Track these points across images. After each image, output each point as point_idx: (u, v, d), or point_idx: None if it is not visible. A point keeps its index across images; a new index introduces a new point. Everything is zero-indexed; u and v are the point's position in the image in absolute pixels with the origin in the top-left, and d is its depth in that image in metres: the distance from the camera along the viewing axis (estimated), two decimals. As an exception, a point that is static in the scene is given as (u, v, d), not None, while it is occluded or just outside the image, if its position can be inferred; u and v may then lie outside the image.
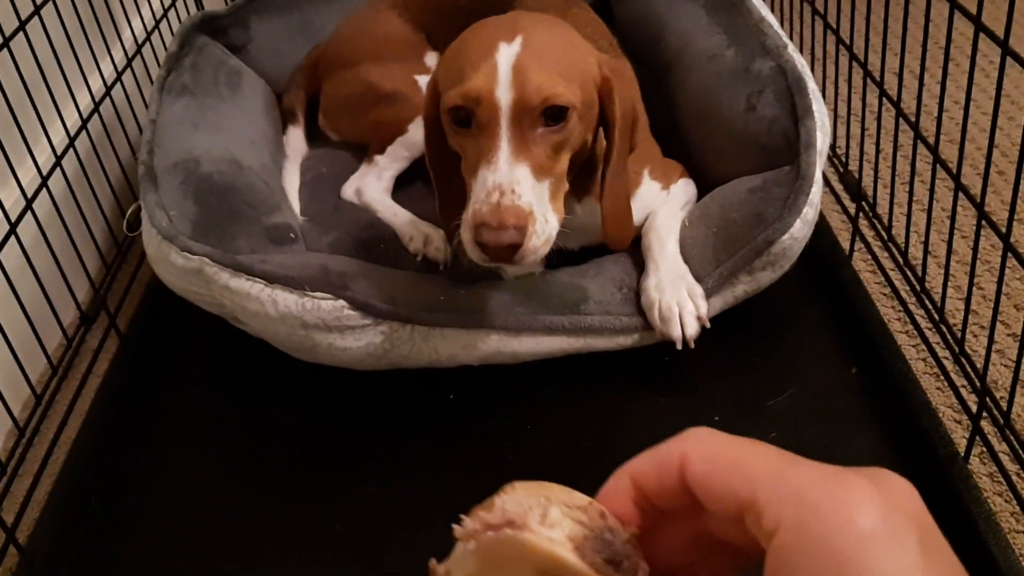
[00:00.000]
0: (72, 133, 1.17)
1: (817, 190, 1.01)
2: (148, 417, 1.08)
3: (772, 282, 1.03)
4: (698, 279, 1.01)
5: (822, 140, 1.04)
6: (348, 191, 1.26)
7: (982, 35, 0.85)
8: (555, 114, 0.84)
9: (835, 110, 1.30)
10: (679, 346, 0.98)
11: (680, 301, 0.98)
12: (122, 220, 1.28)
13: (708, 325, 0.99)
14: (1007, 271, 0.88)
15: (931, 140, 0.99)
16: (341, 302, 0.95)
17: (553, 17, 0.95)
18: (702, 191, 1.13)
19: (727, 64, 1.17)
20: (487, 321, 0.99)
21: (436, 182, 0.99)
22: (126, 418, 1.08)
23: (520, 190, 0.82)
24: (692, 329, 0.98)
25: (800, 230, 0.99)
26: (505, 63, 0.82)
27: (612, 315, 1.01)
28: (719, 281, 1.01)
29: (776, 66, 1.12)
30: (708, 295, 1.00)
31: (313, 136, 1.39)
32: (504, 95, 0.82)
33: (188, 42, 1.32)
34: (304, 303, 0.95)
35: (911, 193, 1.07)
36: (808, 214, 0.99)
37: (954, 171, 0.94)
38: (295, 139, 1.35)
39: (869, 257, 1.18)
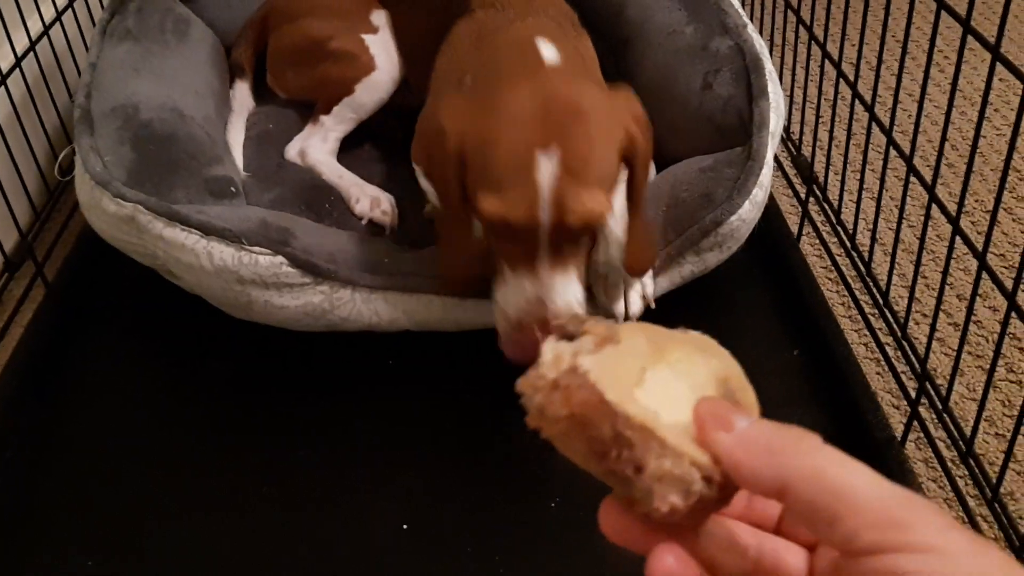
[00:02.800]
0: (5, 72, 1.12)
1: (768, 172, 1.00)
2: (71, 372, 1.04)
3: (720, 263, 1.02)
4: None
5: (775, 121, 1.04)
6: (291, 152, 1.22)
7: (943, 20, 0.85)
8: (592, 227, 0.83)
9: (791, 94, 1.29)
10: (620, 322, 0.96)
11: (626, 278, 0.97)
12: (55, 166, 1.23)
13: (653, 305, 0.98)
14: (951, 262, 0.88)
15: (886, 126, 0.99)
16: (280, 258, 0.92)
17: (580, 81, 0.88)
18: (656, 168, 1.12)
19: (686, 40, 1.16)
20: (432, 286, 0.96)
21: (444, 235, 0.93)
22: (48, 372, 1.03)
23: (556, 297, 0.81)
24: (636, 307, 0.97)
25: (749, 212, 0.98)
26: (546, 183, 0.78)
27: None
28: (666, 261, 0.99)
29: (735, 45, 1.11)
30: (655, 274, 0.99)
31: (262, 93, 1.35)
32: (545, 217, 0.79)
33: (133, -14, 1.27)
34: (241, 257, 0.91)
35: (862, 178, 1.08)
36: (758, 196, 0.99)
37: (906, 155, 0.94)
38: (242, 93, 1.31)
39: (817, 241, 1.19)
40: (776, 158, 1.32)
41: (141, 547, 0.86)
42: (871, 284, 1.07)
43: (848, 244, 1.12)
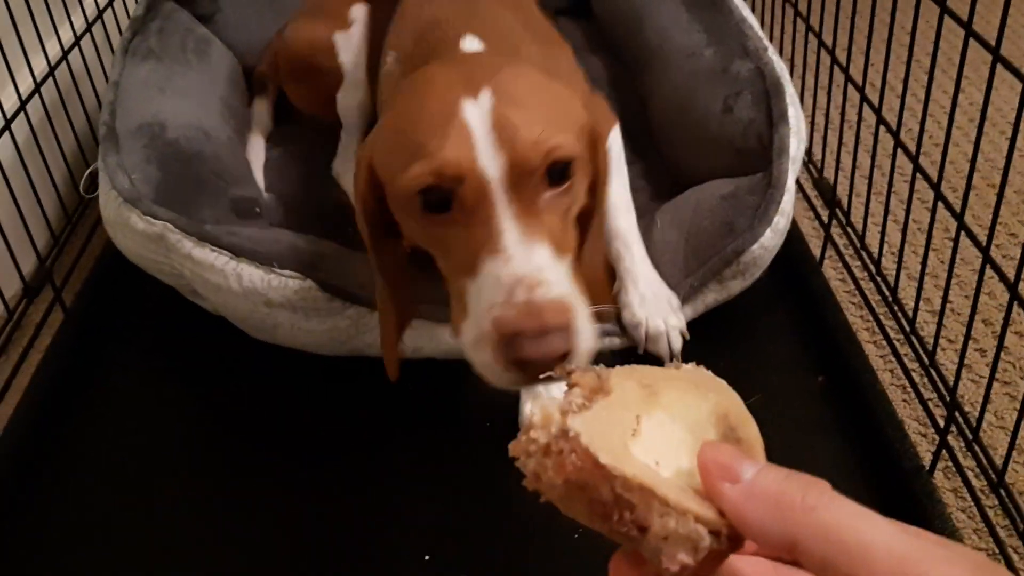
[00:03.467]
0: (25, 97, 1.11)
1: (789, 198, 1.00)
2: (90, 396, 1.03)
3: (743, 290, 1.02)
4: (670, 288, 0.99)
5: (796, 146, 1.04)
6: (334, 169, 1.21)
7: (971, 43, 0.84)
8: (560, 171, 0.66)
9: (812, 115, 1.29)
10: (667, 363, 0.95)
11: (666, 319, 0.96)
12: (74, 189, 1.22)
13: (688, 337, 0.98)
14: (981, 288, 0.87)
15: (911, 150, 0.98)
16: (310, 282, 0.91)
17: (508, 57, 0.78)
18: (674, 187, 1.12)
19: (705, 63, 1.16)
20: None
21: (385, 288, 0.80)
22: (67, 396, 1.02)
23: (549, 277, 0.62)
24: (677, 344, 0.96)
25: (771, 239, 0.98)
26: (479, 121, 0.64)
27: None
28: (689, 292, 0.99)
29: (755, 68, 1.11)
30: (681, 303, 0.99)
31: (286, 111, 1.34)
32: (491, 162, 0.63)
33: (154, 7, 1.27)
34: (271, 280, 0.91)
35: (887, 202, 1.07)
36: (779, 223, 0.99)
37: (933, 181, 0.94)
38: (261, 111, 1.30)
39: (840, 265, 1.18)
40: (798, 181, 1.32)
41: (160, 570, 0.85)
42: (897, 310, 1.06)
43: (873, 269, 1.12)
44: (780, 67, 1.11)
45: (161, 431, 0.99)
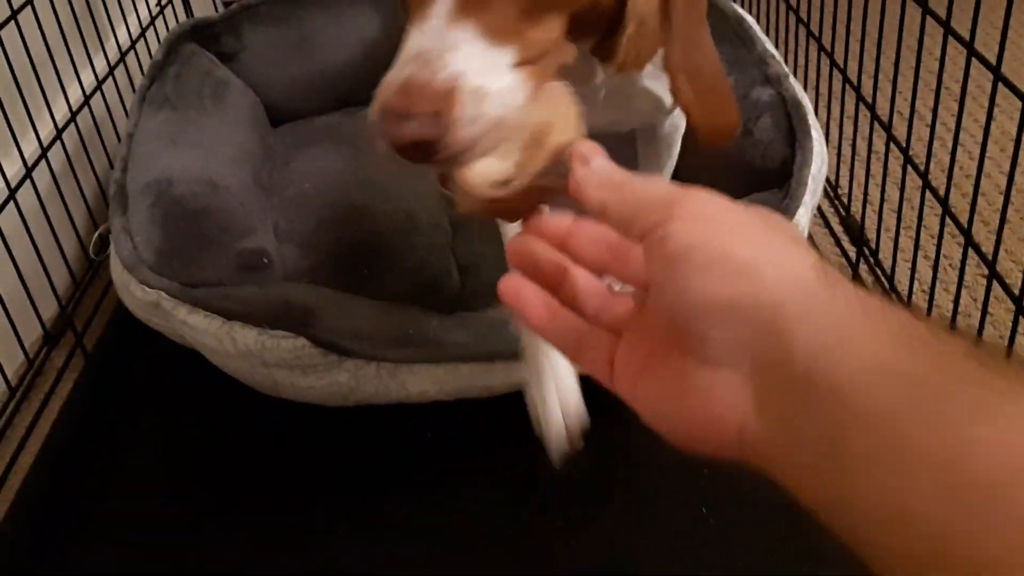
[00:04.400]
0: (46, 144, 1.13)
1: (804, 212, 0.98)
2: (110, 442, 1.04)
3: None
4: None
5: (817, 165, 1.02)
6: None
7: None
8: None
9: (839, 150, 1.25)
10: None
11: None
12: (94, 235, 1.24)
13: None
14: (1016, 334, 0.83)
15: (939, 187, 0.94)
16: (302, 340, 0.91)
17: None
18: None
19: (727, 91, 1.14)
20: (457, 353, 0.94)
21: None
22: (87, 442, 1.04)
23: (450, 58, 0.53)
24: None
25: None
26: None
27: None
28: None
29: (776, 94, 1.10)
30: None
31: (309, 142, 1.34)
32: None
33: (175, 50, 1.28)
34: (264, 341, 0.90)
35: (916, 243, 1.02)
36: None
37: (963, 227, 0.89)
38: None
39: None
40: (824, 215, 1.27)
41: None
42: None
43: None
44: (801, 93, 1.10)
45: (179, 474, 1.00)
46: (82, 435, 1.04)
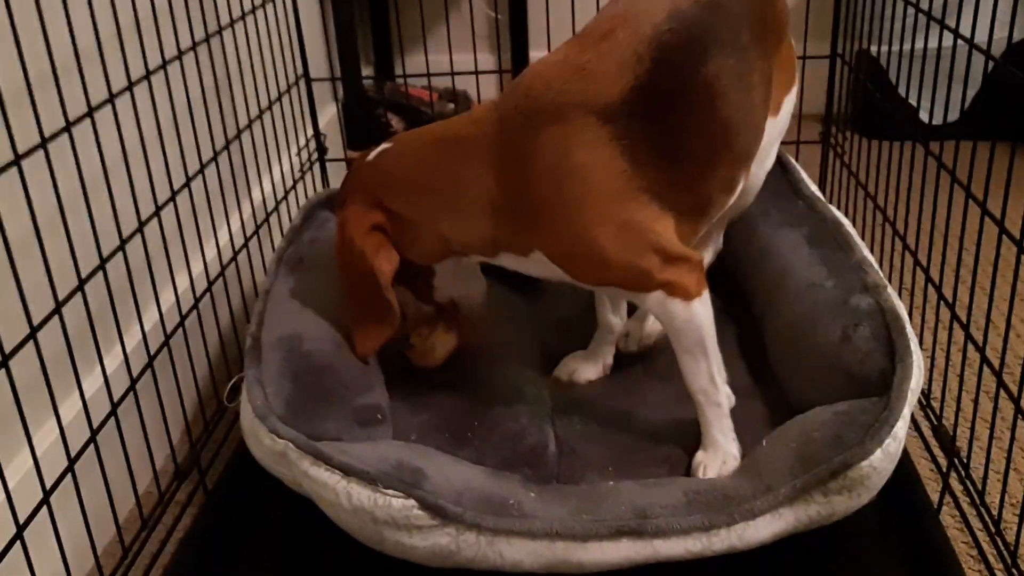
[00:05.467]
0: (197, 296, 1.27)
1: (903, 425, 1.00)
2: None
3: (847, 513, 1.01)
4: (772, 487, 0.99)
5: (916, 379, 1.04)
6: None
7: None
8: None
9: (932, 359, 1.29)
10: None
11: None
12: (216, 380, 1.35)
13: None
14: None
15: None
16: (412, 501, 0.97)
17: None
18: (784, 416, 1.13)
19: (826, 294, 1.20)
20: (553, 528, 0.99)
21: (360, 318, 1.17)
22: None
23: None
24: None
25: (881, 461, 0.98)
26: None
27: (678, 516, 0.99)
28: (793, 492, 0.99)
29: (874, 303, 1.14)
30: (780, 504, 0.99)
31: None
32: None
33: (310, 216, 1.42)
34: (376, 499, 0.97)
35: (1008, 461, 1.04)
36: (891, 446, 0.98)
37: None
38: None
39: (958, 514, 1.14)
40: (915, 421, 1.30)
41: None
42: (1016, 574, 1.02)
43: (992, 527, 1.08)
44: (899, 305, 1.14)
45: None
46: (198, 571, 1.11)
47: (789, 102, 1.23)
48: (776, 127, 1.21)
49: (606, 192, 1.00)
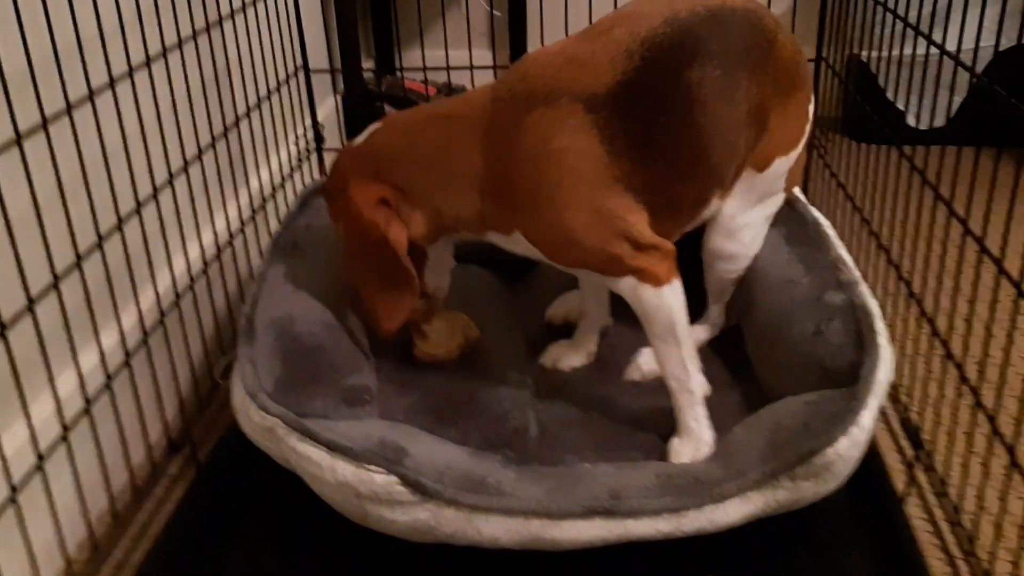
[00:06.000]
0: (192, 275, 1.31)
1: (868, 415, 1.03)
2: (210, 552, 1.14)
3: (814, 499, 1.04)
4: (743, 472, 1.03)
5: (883, 372, 1.08)
6: None
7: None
8: None
9: (902, 352, 1.32)
10: None
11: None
12: (211, 358, 1.38)
13: None
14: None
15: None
16: (393, 477, 1.01)
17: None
18: (759, 407, 1.16)
19: (802, 290, 1.24)
20: (529, 507, 1.02)
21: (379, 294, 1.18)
22: (190, 550, 1.13)
23: None
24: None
25: (847, 449, 1.01)
26: None
27: (650, 498, 1.02)
28: (762, 477, 1.03)
29: (847, 299, 1.18)
30: (748, 488, 1.02)
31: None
32: None
33: (306, 203, 1.45)
34: (360, 474, 1.01)
35: (970, 451, 1.07)
36: (856, 435, 1.01)
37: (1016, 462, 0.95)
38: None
39: (923, 504, 1.18)
40: (884, 413, 1.34)
41: None
42: (974, 563, 1.05)
43: (953, 519, 1.11)
44: (871, 300, 1.17)
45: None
46: (187, 542, 1.14)
47: (781, 163, 1.24)
48: (758, 184, 1.23)
49: (583, 177, 1.05)
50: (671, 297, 1.10)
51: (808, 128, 1.26)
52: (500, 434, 1.21)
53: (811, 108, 1.26)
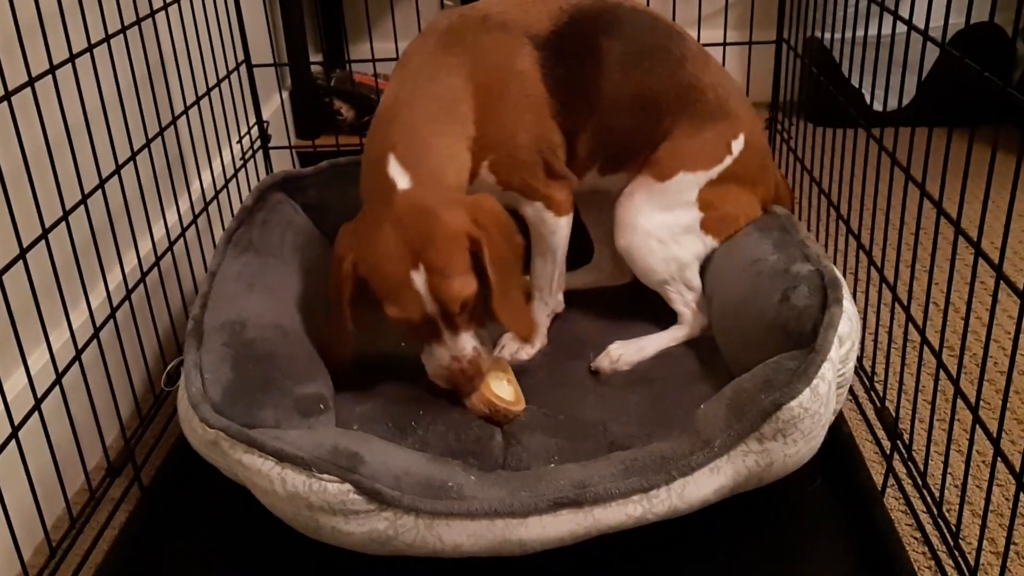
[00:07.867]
0: (129, 287, 1.23)
1: (830, 367, 1.02)
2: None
3: (785, 464, 1.01)
4: (709, 440, 1.01)
5: (847, 329, 1.08)
6: None
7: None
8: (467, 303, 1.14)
9: (875, 341, 1.30)
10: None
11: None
12: (163, 371, 1.31)
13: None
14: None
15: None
16: (347, 486, 0.95)
17: (427, 202, 1.13)
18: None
19: (769, 265, 1.23)
20: (492, 507, 0.97)
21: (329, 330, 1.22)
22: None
23: (467, 351, 1.17)
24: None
25: (811, 401, 0.99)
26: (423, 289, 1.11)
27: (616, 482, 0.99)
28: (729, 441, 1.00)
29: (815, 269, 1.18)
30: (716, 455, 1.00)
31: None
32: (433, 308, 1.13)
33: (264, 198, 1.39)
34: (311, 484, 0.95)
35: (949, 441, 1.03)
36: (819, 386, 1.00)
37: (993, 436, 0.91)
38: None
39: (902, 496, 1.14)
40: (860, 404, 1.30)
41: None
42: (959, 556, 1.02)
43: (935, 509, 1.08)
44: (837, 273, 1.16)
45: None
46: (130, 568, 1.08)
47: (687, 179, 1.31)
48: (658, 194, 1.31)
49: (534, 103, 1.23)
50: (565, 226, 1.32)
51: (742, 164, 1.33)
52: (463, 442, 1.15)
53: (754, 155, 1.33)
